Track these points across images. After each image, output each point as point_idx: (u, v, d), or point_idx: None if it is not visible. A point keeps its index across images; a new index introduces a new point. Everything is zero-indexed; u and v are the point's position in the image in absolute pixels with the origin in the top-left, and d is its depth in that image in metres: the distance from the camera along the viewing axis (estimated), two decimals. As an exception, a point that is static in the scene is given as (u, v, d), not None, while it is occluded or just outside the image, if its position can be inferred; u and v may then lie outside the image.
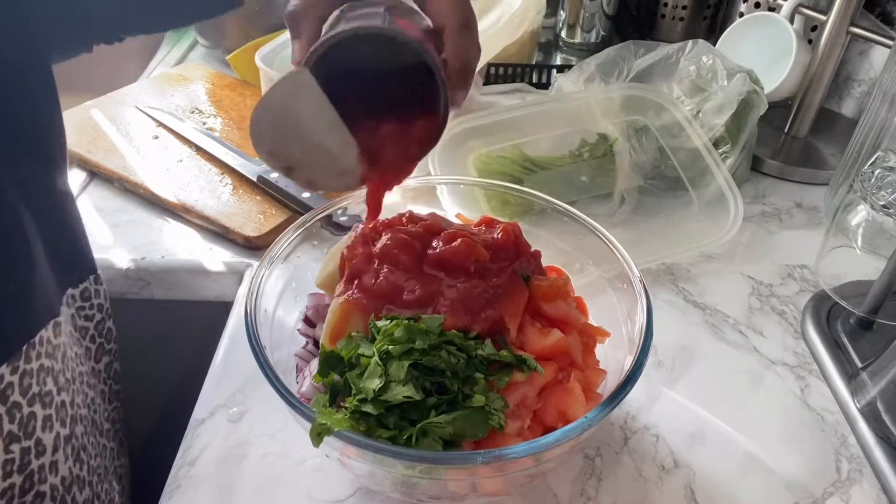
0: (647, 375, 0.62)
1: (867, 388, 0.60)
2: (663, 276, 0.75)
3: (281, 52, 0.88)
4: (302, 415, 0.43)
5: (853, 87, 1.03)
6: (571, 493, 0.54)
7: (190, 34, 1.19)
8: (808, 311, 0.70)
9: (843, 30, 0.88)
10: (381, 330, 0.45)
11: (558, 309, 0.51)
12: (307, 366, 0.54)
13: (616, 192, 0.81)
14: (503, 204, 0.70)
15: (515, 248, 0.52)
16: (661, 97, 0.84)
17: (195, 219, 0.78)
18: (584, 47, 1.17)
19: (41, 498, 0.52)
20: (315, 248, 0.59)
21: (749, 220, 0.83)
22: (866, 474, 0.56)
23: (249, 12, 1.03)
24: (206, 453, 0.56)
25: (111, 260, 0.73)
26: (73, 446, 0.55)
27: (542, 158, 0.82)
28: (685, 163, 0.82)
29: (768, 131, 0.95)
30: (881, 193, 0.63)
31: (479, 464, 0.42)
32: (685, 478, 0.56)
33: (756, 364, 0.66)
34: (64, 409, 0.54)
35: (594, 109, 0.84)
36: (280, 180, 0.79)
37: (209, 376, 0.62)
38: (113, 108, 0.94)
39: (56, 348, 0.53)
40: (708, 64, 0.86)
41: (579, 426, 0.43)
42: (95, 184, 0.84)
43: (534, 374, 0.46)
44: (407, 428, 0.43)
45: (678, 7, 1.16)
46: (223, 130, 0.92)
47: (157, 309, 0.76)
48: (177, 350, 0.77)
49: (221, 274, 0.73)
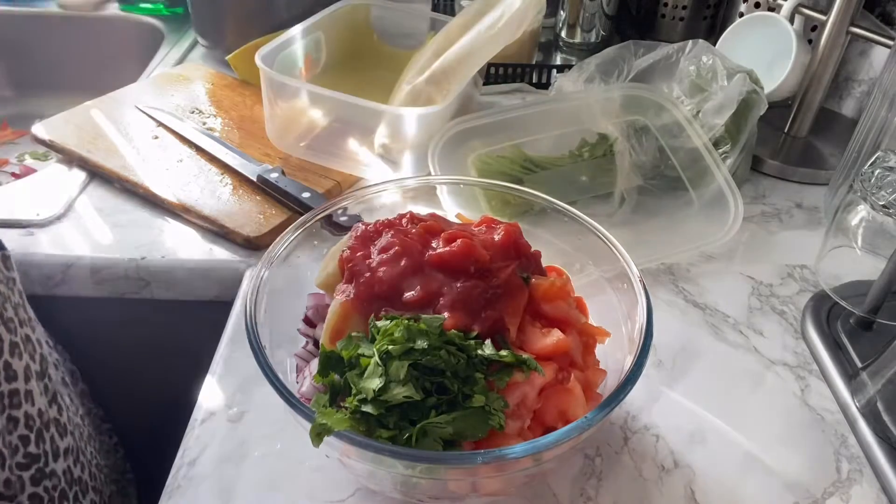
0: (647, 375, 0.62)
1: (867, 388, 0.60)
2: (663, 276, 0.75)
3: (281, 51, 0.88)
4: (302, 415, 0.43)
5: (853, 87, 1.03)
6: (571, 493, 0.54)
7: (190, 34, 1.19)
8: (808, 311, 0.70)
9: (843, 30, 0.88)
10: (381, 330, 0.45)
11: (558, 309, 0.51)
12: (307, 366, 0.54)
13: (616, 192, 0.81)
14: (503, 204, 0.70)
15: (515, 249, 0.53)
16: (661, 97, 0.84)
17: (195, 219, 0.78)
18: (584, 47, 1.17)
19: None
20: (315, 248, 0.59)
21: (749, 220, 0.83)
22: (866, 474, 0.57)
23: (249, 12, 1.03)
24: (206, 453, 0.56)
25: (111, 260, 0.73)
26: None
27: (542, 158, 0.83)
28: (685, 163, 0.82)
29: (768, 131, 0.95)
30: (881, 193, 0.63)
31: (479, 464, 0.42)
32: (685, 478, 0.56)
33: (756, 364, 0.66)
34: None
35: (594, 109, 0.84)
36: (280, 180, 0.79)
37: (209, 376, 0.62)
38: (113, 108, 0.94)
39: None
40: (708, 64, 0.86)
41: (579, 426, 0.43)
42: (95, 184, 0.84)
43: (534, 374, 0.46)
44: (407, 428, 0.43)
45: (678, 7, 1.16)
46: (223, 130, 0.92)
47: (157, 309, 0.76)
48: (177, 350, 0.77)
49: (221, 274, 0.74)
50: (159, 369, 0.79)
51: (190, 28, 1.18)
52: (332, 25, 0.97)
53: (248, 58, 0.93)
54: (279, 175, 0.80)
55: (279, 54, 0.88)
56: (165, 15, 1.27)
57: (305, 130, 0.89)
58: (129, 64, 1.25)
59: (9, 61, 1.33)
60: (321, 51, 0.98)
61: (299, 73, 0.94)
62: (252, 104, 0.97)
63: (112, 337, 0.80)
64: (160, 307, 0.76)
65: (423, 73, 0.83)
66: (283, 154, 0.87)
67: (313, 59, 0.97)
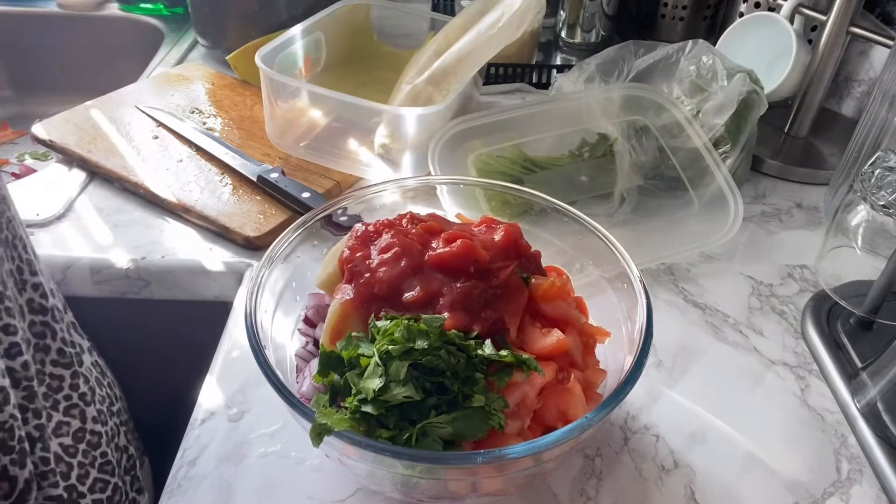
0: (647, 375, 0.62)
1: (867, 388, 0.60)
2: (663, 276, 0.75)
3: (281, 51, 0.88)
4: (302, 415, 0.43)
5: (853, 87, 1.03)
6: (571, 493, 0.54)
7: (190, 34, 1.19)
8: (808, 311, 0.70)
9: (843, 30, 0.88)
10: (381, 330, 0.45)
11: (558, 309, 0.51)
12: (307, 366, 0.54)
13: (616, 192, 0.81)
14: (503, 204, 0.70)
15: (515, 249, 0.52)
16: (661, 97, 0.84)
17: (195, 219, 0.78)
18: (584, 47, 1.17)
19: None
20: (315, 248, 0.59)
21: (749, 220, 0.83)
22: (866, 474, 0.57)
23: (249, 12, 1.03)
24: (206, 453, 0.56)
25: (111, 260, 0.73)
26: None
27: (542, 158, 0.83)
28: (685, 163, 0.82)
29: (768, 131, 0.95)
30: (881, 193, 0.63)
31: (479, 464, 0.42)
32: (685, 478, 0.56)
33: (756, 364, 0.66)
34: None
35: (594, 109, 0.84)
36: (280, 180, 0.79)
37: (209, 376, 0.62)
38: (113, 108, 0.94)
39: None
40: (708, 64, 0.86)
41: (579, 426, 0.43)
42: (95, 184, 0.84)
43: (534, 374, 0.46)
44: (407, 428, 0.43)
45: (678, 7, 1.16)
46: (223, 130, 0.92)
47: (157, 309, 0.76)
48: (177, 350, 0.77)
49: (221, 274, 0.73)
50: (159, 369, 0.79)
51: (190, 28, 1.18)
52: (332, 25, 0.97)
53: (248, 58, 0.93)
54: (279, 175, 0.80)
55: (279, 54, 0.88)
56: (165, 15, 1.27)
57: (305, 130, 0.89)
58: (129, 64, 1.25)
59: (9, 61, 1.34)
60: (321, 51, 0.98)
61: (299, 73, 0.94)
62: (252, 104, 0.97)
63: (112, 337, 0.80)
64: (160, 307, 0.76)
65: (423, 73, 0.84)
66: (283, 154, 0.87)
67: (313, 59, 0.97)
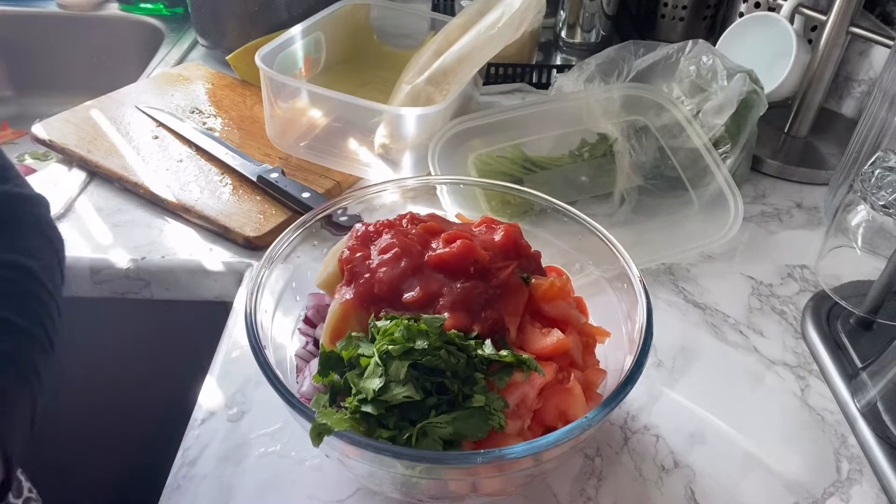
0: (647, 375, 0.62)
1: (867, 388, 0.60)
2: (663, 276, 0.75)
3: (281, 51, 0.88)
4: (302, 415, 0.43)
5: (853, 87, 1.03)
6: (571, 493, 0.54)
7: (190, 34, 1.19)
8: (808, 311, 0.70)
9: (843, 30, 0.88)
10: (381, 330, 0.45)
11: (558, 309, 0.51)
12: (307, 366, 0.54)
13: (616, 192, 0.81)
14: (503, 204, 0.70)
15: (515, 249, 0.52)
16: (661, 97, 0.84)
17: (195, 219, 0.78)
18: (584, 47, 1.16)
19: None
20: (315, 248, 0.59)
21: (749, 220, 0.83)
22: (866, 474, 0.57)
23: (249, 12, 1.03)
24: (206, 453, 0.56)
25: (111, 260, 0.73)
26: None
27: (542, 158, 0.83)
28: (685, 163, 0.82)
29: (768, 131, 0.95)
30: (881, 193, 0.63)
31: (479, 464, 0.42)
32: (685, 478, 0.56)
33: (756, 364, 0.66)
34: None
35: (594, 109, 0.84)
36: (280, 180, 0.79)
37: (209, 376, 0.62)
38: (113, 108, 0.94)
39: None
40: (708, 64, 0.86)
41: (579, 426, 0.43)
42: (95, 184, 0.84)
43: (534, 374, 0.46)
44: (407, 428, 0.43)
45: (678, 7, 1.16)
46: (223, 130, 0.92)
47: (157, 309, 0.76)
48: (177, 350, 0.77)
49: (221, 274, 0.73)
50: (159, 369, 0.79)
51: (190, 28, 1.18)
52: (332, 25, 0.97)
53: (248, 58, 0.93)
54: (279, 175, 0.80)
55: (279, 54, 0.88)
56: (165, 15, 1.27)
57: (305, 130, 0.89)
58: (129, 64, 1.25)
59: (9, 61, 1.33)
60: (321, 51, 0.98)
61: (299, 73, 0.94)
62: (252, 104, 0.97)
63: (112, 337, 0.80)
64: (160, 307, 0.76)
65: (423, 73, 0.83)
66: (283, 154, 0.87)
67: (313, 59, 0.97)
